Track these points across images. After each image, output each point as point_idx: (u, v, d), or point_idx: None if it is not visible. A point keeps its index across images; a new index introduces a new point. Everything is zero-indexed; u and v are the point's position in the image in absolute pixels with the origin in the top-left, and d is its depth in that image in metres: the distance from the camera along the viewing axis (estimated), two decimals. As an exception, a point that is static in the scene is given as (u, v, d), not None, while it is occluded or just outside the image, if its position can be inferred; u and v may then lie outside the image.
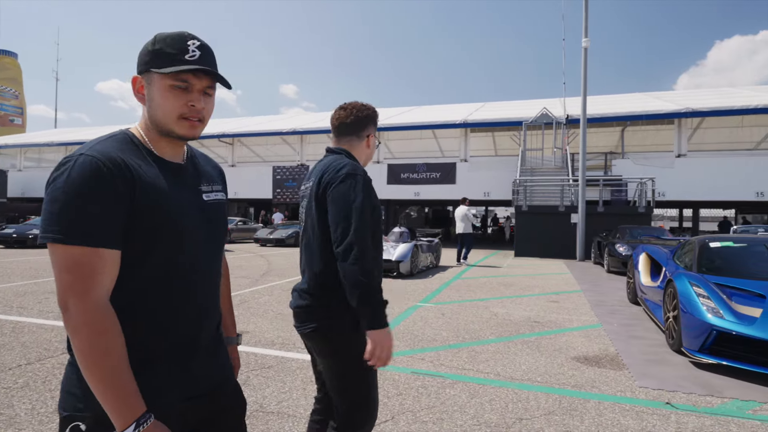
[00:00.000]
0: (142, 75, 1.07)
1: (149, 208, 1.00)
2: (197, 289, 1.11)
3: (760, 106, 17.96)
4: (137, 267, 1.01)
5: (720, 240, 5.07)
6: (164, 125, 1.06)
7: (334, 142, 1.85)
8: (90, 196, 0.93)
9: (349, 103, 1.86)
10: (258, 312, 5.68)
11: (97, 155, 0.97)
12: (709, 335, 3.79)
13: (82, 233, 0.92)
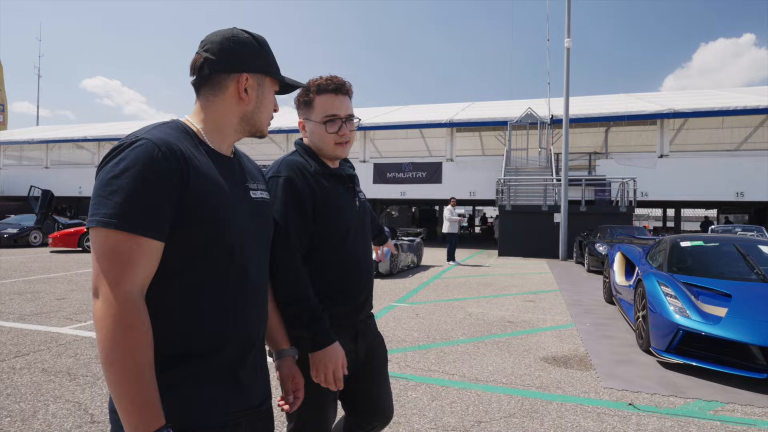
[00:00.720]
0: (252, 75, 1.10)
1: (202, 199, 0.96)
2: (249, 291, 1.07)
3: (739, 107, 18.23)
4: (189, 262, 0.96)
5: (691, 239, 5.07)
6: (263, 125, 1.14)
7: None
8: (141, 182, 0.89)
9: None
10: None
11: (156, 140, 0.93)
12: (675, 335, 3.77)
13: (126, 219, 0.87)
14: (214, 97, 1.07)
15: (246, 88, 1.08)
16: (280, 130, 23.98)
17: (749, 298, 3.84)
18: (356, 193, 1.63)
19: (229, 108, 1.08)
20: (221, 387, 1.00)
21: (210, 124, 1.07)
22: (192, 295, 0.96)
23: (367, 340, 1.63)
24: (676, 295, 3.97)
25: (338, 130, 1.49)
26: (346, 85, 1.52)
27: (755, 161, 18.50)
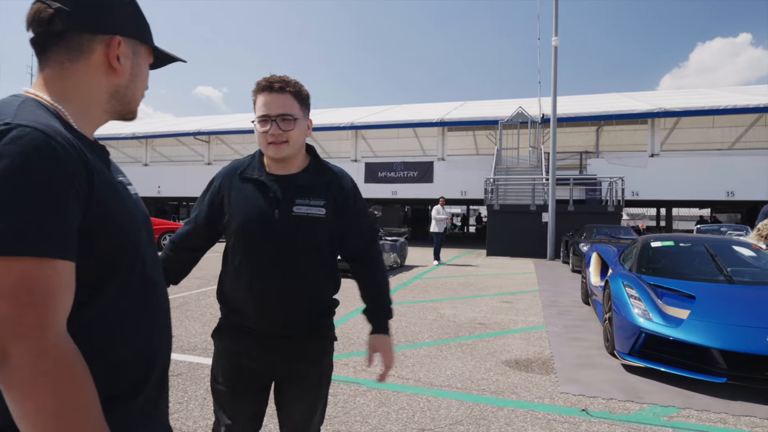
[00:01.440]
0: (126, 40, 0.87)
1: (106, 201, 0.77)
2: (163, 304, 0.92)
3: (729, 106, 18.19)
4: (103, 281, 0.78)
5: (662, 240, 4.99)
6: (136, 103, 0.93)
7: None
8: (40, 187, 0.66)
9: None
10: (194, 315, 5.46)
11: (43, 128, 0.69)
12: (638, 338, 3.69)
13: (33, 239, 0.65)
14: (71, 63, 0.81)
15: (118, 56, 0.85)
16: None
17: (713, 299, 3.75)
18: (280, 204, 1.44)
19: (94, 80, 0.84)
20: (150, 421, 0.86)
21: (74, 103, 0.82)
22: (111, 322, 0.79)
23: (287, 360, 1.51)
24: (640, 297, 3.88)
25: (268, 129, 1.42)
26: (278, 84, 1.43)
27: (746, 161, 18.47)
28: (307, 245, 1.44)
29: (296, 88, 1.46)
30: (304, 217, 1.43)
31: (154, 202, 30.72)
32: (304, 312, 1.48)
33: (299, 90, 1.47)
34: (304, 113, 1.49)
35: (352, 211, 1.52)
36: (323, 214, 1.44)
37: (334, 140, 25.90)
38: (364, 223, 1.57)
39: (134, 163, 28.11)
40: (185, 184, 25.60)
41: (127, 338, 0.83)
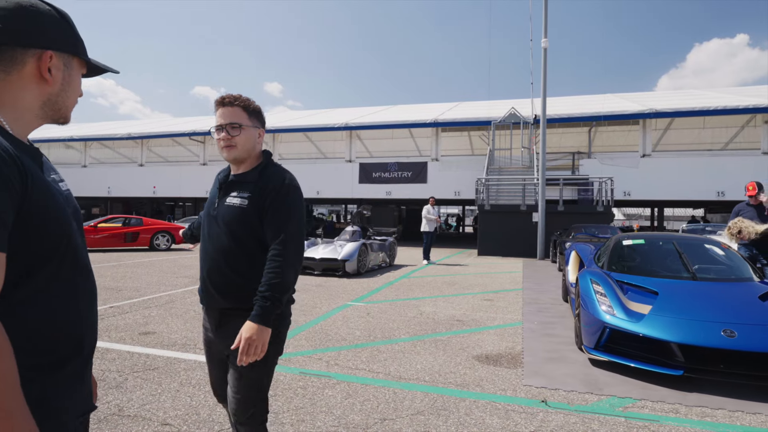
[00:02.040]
0: (57, 54, 0.98)
1: (38, 201, 0.88)
2: (92, 286, 1.05)
3: (719, 107, 18.34)
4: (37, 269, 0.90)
5: (633, 238, 5.10)
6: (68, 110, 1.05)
7: None
8: None
9: None
10: (178, 312, 5.56)
11: None
12: (602, 332, 3.80)
13: None
14: (5, 74, 0.91)
15: (50, 68, 0.95)
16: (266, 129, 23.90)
17: (675, 295, 3.87)
18: (221, 195, 1.84)
19: (27, 89, 0.94)
20: (77, 391, 0.98)
21: (8, 110, 0.92)
22: (43, 303, 0.91)
23: (219, 334, 1.83)
24: (606, 293, 4.00)
25: (221, 135, 1.77)
26: (229, 99, 1.78)
27: (736, 161, 18.64)
28: (228, 228, 1.74)
29: (245, 103, 1.80)
30: (229, 206, 1.76)
31: (150, 202, 30.80)
32: (221, 286, 1.76)
33: (247, 104, 1.80)
34: (254, 123, 1.81)
35: (271, 206, 1.72)
36: (245, 204, 1.73)
37: (329, 141, 26.02)
38: (277, 219, 1.72)
39: (130, 163, 28.19)
40: (181, 184, 25.69)
41: (57, 318, 0.95)
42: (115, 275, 8.53)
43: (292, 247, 1.69)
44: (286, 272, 1.66)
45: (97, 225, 13.84)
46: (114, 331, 4.62)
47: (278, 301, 1.64)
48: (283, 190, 1.74)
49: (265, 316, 1.61)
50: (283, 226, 1.70)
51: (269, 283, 1.63)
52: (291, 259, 1.68)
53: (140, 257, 12.04)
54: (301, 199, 1.79)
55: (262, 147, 1.88)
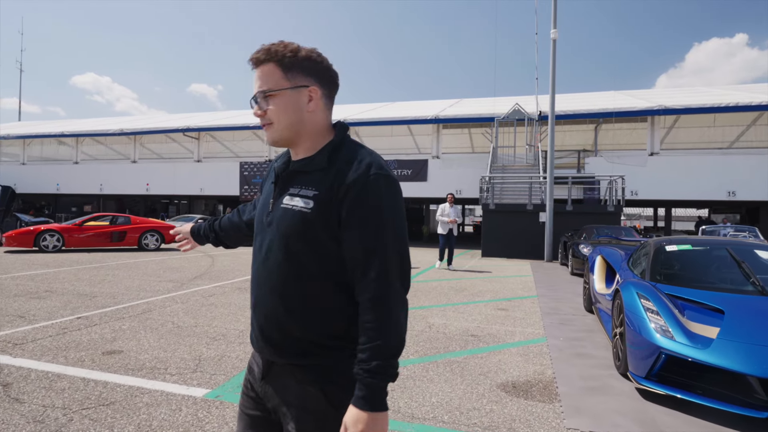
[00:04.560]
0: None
1: None
2: None
3: (731, 104, 17.73)
4: None
5: (677, 243, 4.44)
6: None
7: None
8: None
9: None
10: (154, 325, 4.87)
11: None
12: (657, 359, 3.13)
13: None
14: None
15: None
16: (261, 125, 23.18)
17: (746, 315, 3.20)
18: (275, 193, 1.20)
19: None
20: None
21: None
22: None
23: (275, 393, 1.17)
24: (659, 311, 3.33)
25: (254, 111, 1.19)
26: (258, 55, 1.15)
27: (748, 160, 18.03)
28: (284, 243, 1.12)
29: (280, 55, 1.13)
30: (286, 209, 1.13)
31: (143, 199, 30.06)
32: (272, 331, 1.14)
33: (283, 55, 1.13)
34: (295, 81, 1.14)
35: (352, 214, 1.06)
36: (309, 208, 1.09)
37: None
38: (366, 236, 1.06)
39: (123, 159, 27.44)
40: (175, 181, 24.96)
41: None
42: (93, 279, 7.83)
43: (395, 277, 1.06)
44: (395, 322, 1.04)
45: (82, 223, 13.12)
46: (73, 350, 3.94)
47: (390, 370, 1.03)
48: (370, 185, 1.06)
49: (376, 399, 1.01)
50: (378, 246, 1.05)
51: (372, 347, 1.02)
52: (397, 297, 1.06)
53: (126, 258, 11.33)
54: (399, 198, 1.11)
55: (327, 115, 1.19)
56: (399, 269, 1.06)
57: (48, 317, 5.05)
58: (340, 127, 1.19)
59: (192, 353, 3.94)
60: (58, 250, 12.33)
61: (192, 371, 3.51)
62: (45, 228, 12.40)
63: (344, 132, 1.19)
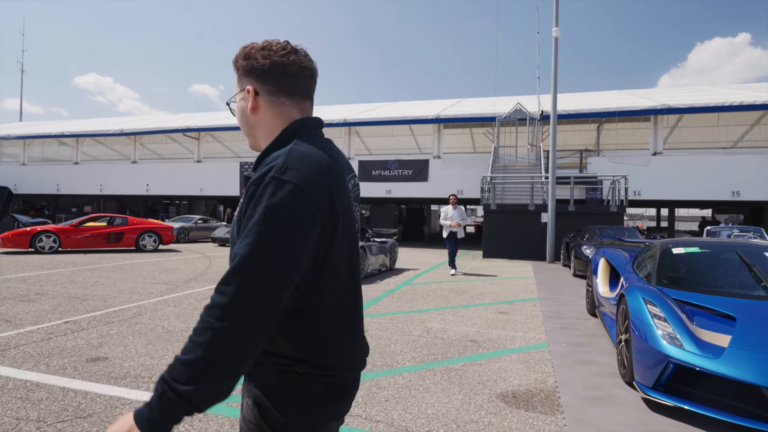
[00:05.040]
0: None
1: None
2: None
3: (735, 103, 17.53)
4: None
5: (685, 245, 4.27)
6: None
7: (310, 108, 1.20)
8: None
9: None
10: (143, 330, 4.72)
11: None
12: (665, 368, 2.97)
13: None
14: None
15: None
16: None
17: (758, 322, 3.04)
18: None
19: None
20: None
21: None
22: None
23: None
24: (666, 317, 3.17)
25: None
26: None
27: (752, 159, 17.83)
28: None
29: (235, 62, 1.13)
30: (235, 216, 1.05)
31: (143, 200, 29.97)
32: None
33: (235, 61, 1.13)
34: (239, 86, 1.13)
35: (245, 210, 0.97)
36: (236, 214, 1.04)
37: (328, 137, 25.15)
38: (242, 238, 0.93)
39: (123, 160, 27.36)
40: (175, 182, 24.87)
41: None
42: (86, 281, 7.70)
43: (235, 292, 0.87)
44: (209, 342, 0.86)
45: (79, 224, 13.01)
46: (56, 357, 3.79)
47: (175, 396, 0.84)
48: (263, 185, 0.95)
49: (146, 413, 0.86)
50: (238, 252, 0.91)
51: (177, 355, 0.89)
52: (227, 314, 0.87)
53: (122, 259, 11.20)
54: (286, 206, 0.92)
55: (278, 113, 1.10)
56: (248, 284, 0.87)
57: (35, 321, 4.92)
58: (291, 126, 1.08)
59: (179, 360, 3.79)
60: (54, 252, 12.21)
61: (177, 380, 3.36)
62: (41, 229, 12.29)
63: (287, 132, 1.07)
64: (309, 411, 1.01)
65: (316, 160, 1.00)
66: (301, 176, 0.94)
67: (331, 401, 1.04)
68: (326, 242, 0.99)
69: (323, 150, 1.05)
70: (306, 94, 1.12)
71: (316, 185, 0.96)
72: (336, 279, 1.04)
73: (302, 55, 1.11)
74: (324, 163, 1.01)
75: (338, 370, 1.04)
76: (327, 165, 1.01)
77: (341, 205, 1.02)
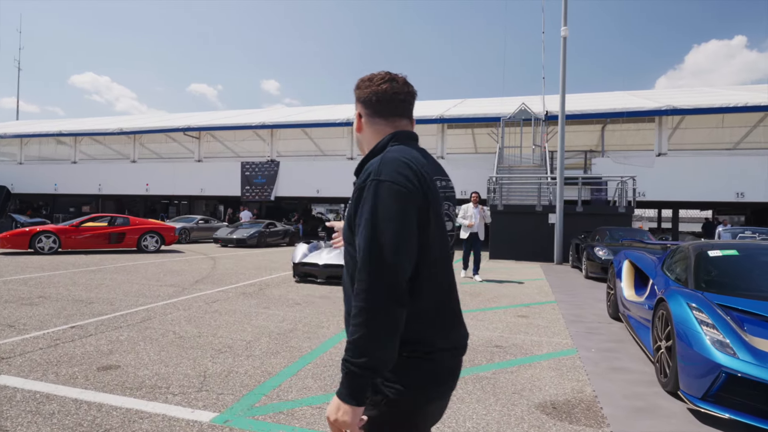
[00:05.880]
0: None
1: None
2: None
3: (740, 104, 17.43)
4: None
5: (721, 248, 4.11)
6: None
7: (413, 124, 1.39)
8: None
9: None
10: (154, 335, 4.53)
11: None
12: (716, 379, 2.81)
13: None
14: None
15: None
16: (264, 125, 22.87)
17: (816, 329, 2.87)
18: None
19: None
20: None
21: None
22: None
23: None
24: (715, 324, 3.00)
25: None
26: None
27: (756, 161, 17.74)
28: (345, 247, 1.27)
29: (354, 90, 1.38)
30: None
31: (142, 200, 29.72)
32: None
33: (354, 88, 1.38)
34: (356, 109, 1.37)
35: (354, 211, 1.18)
36: (346, 213, 1.26)
37: (329, 138, 25.02)
38: (359, 234, 1.12)
39: (122, 159, 27.12)
40: (175, 182, 24.64)
41: None
42: (89, 283, 7.49)
43: (368, 277, 1.06)
44: (363, 322, 1.05)
45: (80, 224, 12.79)
46: (65, 365, 3.60)
47: (358, 369, 1.04)
48: (365, 188, 1.15)
49: (346, 388, 1.06)
50: (360, 244, 1.11)
51: (347, 339, 1.10)
52: (367, 296, 1.06)
53: (124, 260, 10.99)
54: (388, 200, 1.09)
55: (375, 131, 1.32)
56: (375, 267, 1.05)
57: (40, 326, 4.72)
58: (381, 140, 1.27)
59: (196, 368, 3.61)
60: (54, 252, 11.99)
61: (197, 390, 3.18)
62: (41, 229, 12.06)
63: (381, 144, 1.26)
64: (414, 391, 1.11)
65: (404, 162, 1.14)
66: (394, 175, 1.11)
67: (436, 381, 1.14)
68: (422, 230, 1.12)
69: (411, 154, 1.19)
70: (398, 114, 1.30)
71: (407, 180, 1.11)
72: (433, 266, 1.15)
73: (398, 83, 1.30)
74: (411, 163, 1.15)
75: (440, 351, 1.15)
76: (414, 165, 1.15)
77: (431, 199, 1.15)
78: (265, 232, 17.52)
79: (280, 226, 18.95)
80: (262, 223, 18.20)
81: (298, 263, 8.14)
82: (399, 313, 1.05)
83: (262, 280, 8.32)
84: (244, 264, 10.87)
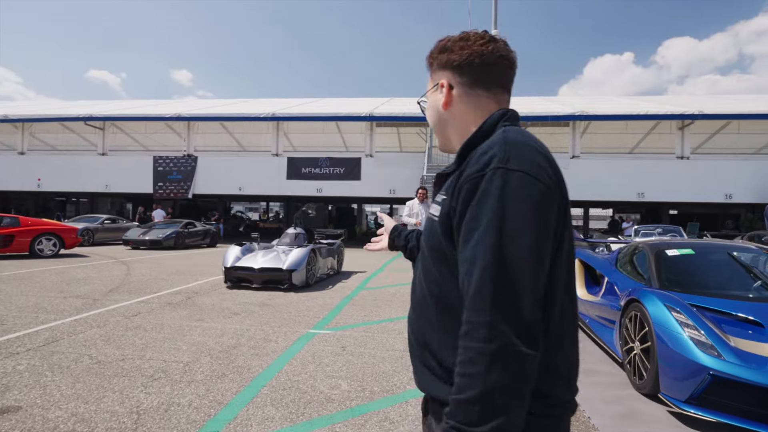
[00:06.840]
0: None
1: None
2: None
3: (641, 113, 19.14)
4: None
5: (677, 247, 4.23)
6: None
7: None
8: None
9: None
10: (64, 362, 3.74)
11: None
12: (702, 381, 2.78)
13: None
14: None
15: None
16: (180, 117, 21.13)
17: (788, 327, 2.95)
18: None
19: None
20: None
21: None
22: None
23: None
24: (696, 325, 2.99)
25: None
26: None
27: (654, 164, 19.65)
28: (422, 257, 1.01)
29: (430, 56, 1.08)
30: (429, 219, 1.01)
31: (33, 197, 26.24)
32: (412, 356, 0.99)
33: (429, 55, 1.08)
34: (433, 81, 1.06)
35: (461, 215, 0.85)
36: (437, 214, 0.95)
37: (251, 133, 23.82)
38: (468, 243, 0.82)
39: (7, 150, 23.66)
40: (75, 176, 21.96)
41: None
42: (-30, 297, 6.22)
43: (493, 307, 0.76)
44: (484, 372, 0.75)
45: (-47, 226, 10.78)
46: (-57, 411, 2.77)
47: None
48: (485, 178, 0.83)
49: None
50: (478, 257, 0.79)
51: (454, 397, 0.78)
52: (491, 334, 0.76)
53: (14, 268, 9.41)
54: (521, 197, 0.80)
55: (475, 107, 1.00)
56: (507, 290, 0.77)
57: None
58: (490, 116, 0.98)
59: (125, 403, 2.96)
60: None
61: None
62: None
63: (489, 122, 0.96)
64: None
65: (537, 148, 0.87)
66: (530, 163, 0.83)
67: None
68: (558, 238, 0.86)
69: (535, 138, 0.90)
70: (503, 85, 1.03)
71: (547, 172, 0.85)
72: (566, 291, 0.90)
73: (501, 45, 1.03)
74: (544, 150, 0.89)
75: (563, 406, 0.88)
76: (548, 152, 0.89)
77: (568, 201, 0.90)
78: (184, 232, 16.15)
79: (199, 226, 17.59)
80: (180, 222, 16.75)
81: (231, 267, 7.42)
82: (533, 360, 0.78)
83: (189, 287, 7.47)
84: (164, 269, 9.80)
